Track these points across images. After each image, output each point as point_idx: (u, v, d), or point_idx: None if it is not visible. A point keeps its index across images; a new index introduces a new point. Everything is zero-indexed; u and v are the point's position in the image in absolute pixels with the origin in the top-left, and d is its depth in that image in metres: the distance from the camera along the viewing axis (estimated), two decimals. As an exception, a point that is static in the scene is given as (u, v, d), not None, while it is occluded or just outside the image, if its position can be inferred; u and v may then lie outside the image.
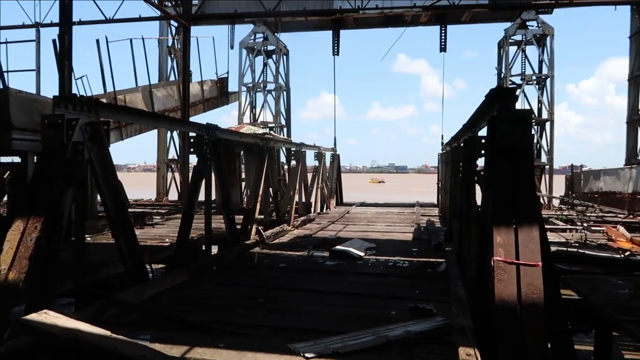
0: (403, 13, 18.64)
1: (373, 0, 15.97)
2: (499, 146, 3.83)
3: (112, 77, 13.88)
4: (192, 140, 7.75)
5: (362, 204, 20.42)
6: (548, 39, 17.68)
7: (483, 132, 6.88)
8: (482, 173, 6.98)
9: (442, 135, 19.90)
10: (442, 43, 19.64)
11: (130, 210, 15.16)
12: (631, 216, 13.73)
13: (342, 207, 19.03)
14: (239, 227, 10.07)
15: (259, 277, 6.88)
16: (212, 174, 8.01)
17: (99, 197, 12.18)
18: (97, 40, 14.39)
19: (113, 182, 5.39)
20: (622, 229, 11.17)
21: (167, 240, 9.10)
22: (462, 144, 8.71)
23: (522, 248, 3.54)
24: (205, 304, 5.43)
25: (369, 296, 5.86)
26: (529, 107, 18.17)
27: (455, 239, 8.44)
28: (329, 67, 22.30)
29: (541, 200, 16.76)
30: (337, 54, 21.43)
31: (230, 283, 6.53)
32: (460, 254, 7.45)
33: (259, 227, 9.84)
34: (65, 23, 9.60)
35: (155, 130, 19.94)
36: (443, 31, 19.58)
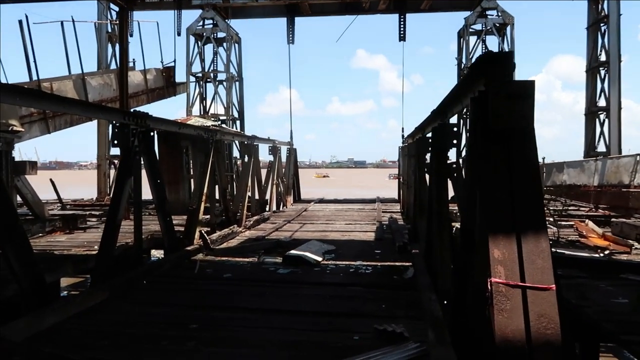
0: (360, 0, 17.77)
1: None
2: (490, 130, 2.90)
3: (34, 62, 12.29)
4: (115, 130, 6.54)
5: (321, 201, 19.49)
6: (508, 28, 17.21)
7: (454, 119, 6.02)
8: (453, 165, 6.15)
9: (403, 128, 19.21)
10: (402, 32, 18.90)
11: (60, 212, 13.68)
12: (596, 210, 13.38)
13: (299, 204, 18.02)
14: (182, 230, 8.93)
15: (198, 293, 5.78)
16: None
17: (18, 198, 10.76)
18: (20, 22, 12.75)
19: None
20: (591, 223, 10.67)
21: (95, 247, 7.84)
22: (428, 134, 7.89)
23: (528, 265, 2.63)
24: (121, 334, 4.30)
25: (328, 314, 4.87)
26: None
27: (422, 241, 7.59)
28: (287, 60, 21.20)
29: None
30: (292, 42, 20.36)
31: (160, 302, 5.40)
32: (429, 257, 6.60)
33: (203, 230, 8.69)
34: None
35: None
36: (402, 20, 18.83)
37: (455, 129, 5.50)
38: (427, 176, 8.42)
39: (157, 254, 10.57)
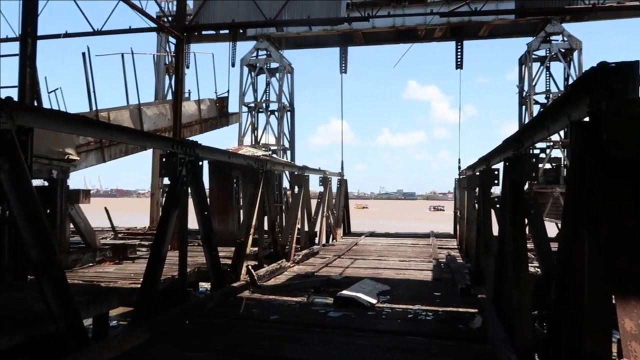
0: (416, 27, 17.35)
1: (384, 9, 14.67)
2: (609, 160, 2.26)
3: (94, 93, 12.58)
4: (163, 159, 6.27)
5: (372, 234, 18.75)
6: (575, 53, 16.21)
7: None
8: (531, 201, 5.43)
9: (459, 159, 18.35)
10: (459, 60, 18.28)
11: (110, 242, 13.72)
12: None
13: (349, 238, 17.38)
14: (229, 262, 8.55)
15: (241, 337, 5.27)
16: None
17: (71, 226, 10.77)
18: (83, 54, 13.16)
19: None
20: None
21: (142, 279, 7.55)
22: (494, 165, 7.19)
23: (673, 343, 1.94)
24: (154, 385, 3.84)
25: (386, 372, 4.23)
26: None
27: (489, 284, 6.80)
28: (340, 92, 20.96)
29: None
30: (345, 72, 20.16)
31: (201, 345, 4.94)
32: (499, 304, 5.81)
33: (250, 264, 8.24)
34: (29, 28, 8.30)
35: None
36: (459, 47, 18.24)
37: (534, 160, 4.82)
38: (492, 211, 7.69)
39: (206, 285, 10.24)
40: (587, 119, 2.66)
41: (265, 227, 10.38)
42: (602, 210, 2.26)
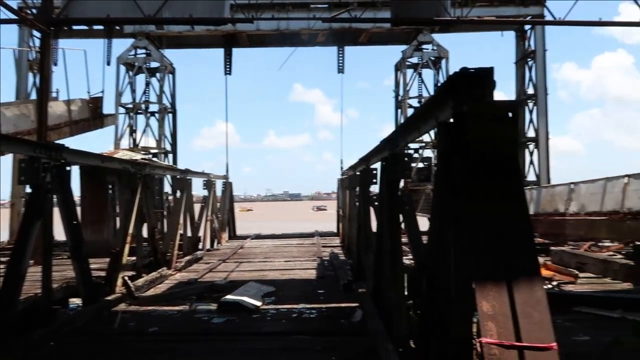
0: (300, 31, 17.61)
1: (268, 12, 14.65)
2: (471, 159, 2.44)
3: None
4: (22, 164, 5.62)
5: (258, 237, 18.65)
6: (443, 61, 17.66)
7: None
8: (405, 199, 5.75)
9: (342, 160, 18.97)
10: (340, 64, 18.93)
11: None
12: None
13: (235, 241, 17.10)
14: (104, 275, 7.90)
15: (113, 354, 4.89)
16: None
17: None
18: None
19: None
20: (531, 253, 10.66)
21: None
22: (373, 165, 7.51)
23: (523, 320, 2.15)
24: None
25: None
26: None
27: (369, 278, 7.08)
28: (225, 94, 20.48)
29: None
30: (230, 73, 19.82)
31: (68, 368, 4.49)
32: (378, 298, 6.07)
33: (127, 275, 7.70)
34: None
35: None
36: (341, 52, 18.88)
37: (406, 159, 5.10)
38: (371, 209, 8.03)
39: (77, 301, 9.37)
40: (452, 120, 2.85)
41: (145, 235, 9.80)
42: (465, 207, 2.44)
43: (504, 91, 19.20)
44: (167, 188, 17.38)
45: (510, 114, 2.36)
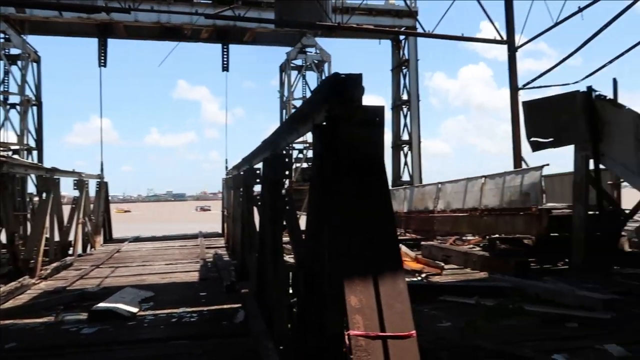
0: (182, 25, 17.00)
1: (147, 3, 13.88)
2: (341, 160, 2.58)
3: None
4: None
5: (137, 239, 17.68)
6: (326, 65, 18.24)
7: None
8: (287, 199, 5.85)
9: (227, 159, 18.71)
10: (225, 62, 18.62)
11: None
12: (406, 234, 14.55)
13: (111, 245, 16.04)
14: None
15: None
16: None
17: None
18: None
19: None
20: (404, 248, 11.44)
21: None
22: (257, 165, 7.53)
23: (387, 311, 2.32)
24: None
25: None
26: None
27: (253, 278, 7.09)
28: (102, 89, 18.99)
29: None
30: (105, 65, 18.47)
31: None
32: (262, 297, 6.11)
33: (-21, 287, 6.87)
34: None
35: None
36: (225, 50, 18.57)
37: (287, 159, 5.20)
38: (255, 209, 8.04)
39: None
40: (325, 123, 2.97)
41: (3, 241, 8.81)
42: (336, 206, 2.56)
43: (384, 96, 20.40)
44: (32, 188, 15.78)
45: (377, 119, 2.54)
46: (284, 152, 5.39)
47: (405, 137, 20.03)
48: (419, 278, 8.30)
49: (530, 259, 8.67)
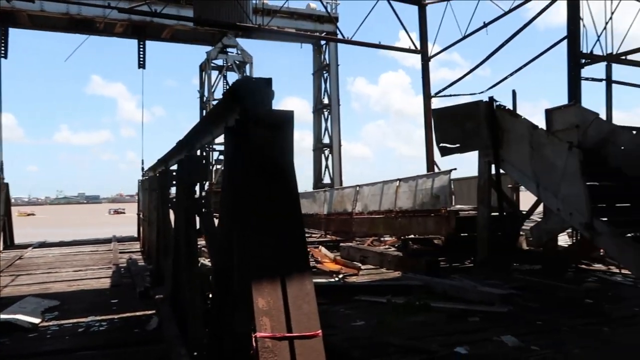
0: (94, 18, 16.14)
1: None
2: (251, 163, 2.61)
3: None
4: None
5: (43, 245, 16.50)
6: (247, 66, 18.12)
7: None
8: (202, 201, 5.76)
9: (143, 160, 17.96)
10: (141, 59, 17.90)
11: None
12: (326, 236, 14.81)
13: (12, 251, 14.84)
14: None
15: None
16: None
17: None
18: None
19: None
20: (324, 249, 11.65)
21: None
22: (173, 166, 7.34)
23: (294, 312, 2.39)
24: None
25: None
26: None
27: (168, 283, 6.89)
28: (4, 82, 17.45)
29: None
30: (5, 57, 17.09)
31: None
32: (176, 302, 5.96)
33: None
34: None
35: None
36: (142, 46, 17.87)
37: (204, 161, 5.13)
38: (171, 212, 7.82)
39: None
40: (236, 126, 2.99)
41: None
42: (245, 209, 2.58)
43: (310, 99, 20.70)
44: None
45: (287, 123, 2.59)
46: (204, 152, 5.32)
47: (327, 140, 20.39)
48: (337, 279, 8.48)
49: (440, 258, 9.17)
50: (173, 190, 7.74)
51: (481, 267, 8.41)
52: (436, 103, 14.40)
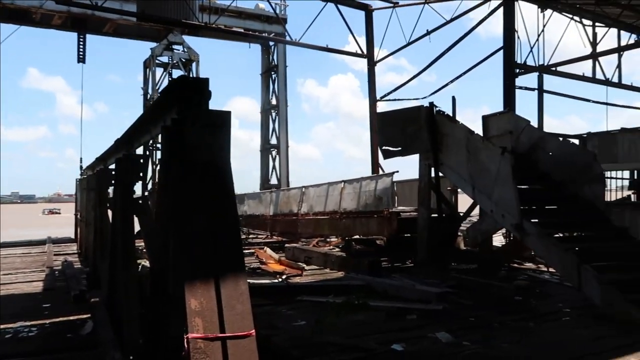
0: (29, 9, 15.33)
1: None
2: (186, 162, 2.59)
3: None
4: None
5: (-32, 247, 15.47)
6: (194, 64, 17.79)
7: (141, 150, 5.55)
8: (139, 201, 5.62)
9: (81, 158, 17.24)
10: (81, 53, 17.17)
11: None
12: (272, 237, 14.78)
13: None
14: None
15: None
16: None
17: None
18: None
19: None
20: (269, 250, 11.64)
21: None
22: (112, 166, 7.11)
23: (228, 312, 2.39)
24: None
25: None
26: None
27: (104, 286, 6.67)
28: None
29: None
30: None
31: None
32: (113, 306, 5.78)
33: None
34: None
35: None
36: (82, 39, 17.15)
37: (142, 160, 5.01)
38: (110, 212, 7.57)
39: None
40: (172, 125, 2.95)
41: None
42: (180, 209, 2.57)
43: (257, 100, 20.56)
44: None
45: (223, 123, 2.60)
46: (147, 152, 5.20)
47: (274, 141, 20.34)
48: (281, 280, 8.50)
49: (383, 258, 9.38)
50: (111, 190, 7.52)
51: (421, 266, 8.68)
52: (382, 107, 14.71)
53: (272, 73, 19.82)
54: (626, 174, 12.46)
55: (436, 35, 14.11)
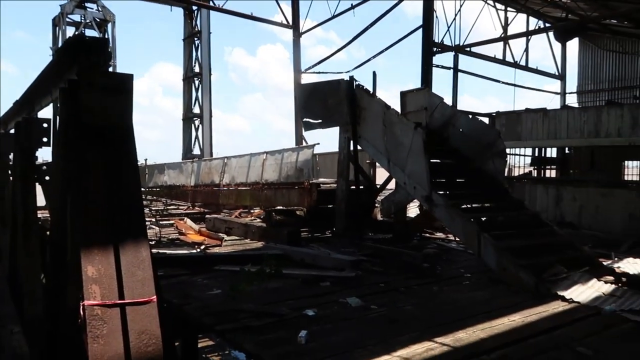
0: None
1: None
2: (84, 127, 2.50)
3: None
4: None
5: None
6: (109, 25, 16.73)
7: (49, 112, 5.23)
8: (44, 167, 5.31)
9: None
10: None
11: None
12: (193, 208, 14.53)
13: None
14: None
15: None
16: None
17: None
18: None
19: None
20: (189, 221, 11.46)
21: None
22: (13, 130, 6.62)
23: (128, 279, 2.38)
24: None
25: None
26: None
27: (5, 259, 6.28)
28: None
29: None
30: None
31: None
32: (15, 279, 5.49)
33: None
34: None
35: None
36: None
37: (45, 124, 4.72)
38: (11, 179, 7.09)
39: None
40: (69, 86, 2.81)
41: None
42: (77, 174, 2.47)
43: (181, 66, 19.68)
44: None
45: (125, 86, 2.52)
46: (57, 116, 4.87)
47: (197, 110, 19.78)
48: (199, 250, 8.43)
49: (303, 229, 9.55)
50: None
51: (339, 236, 8.96)
52: (309, 79, 14.75)
53: (195, 39, 19.09)
54: (529, 151, 13.50)
55: (365, 11, 14.29)
